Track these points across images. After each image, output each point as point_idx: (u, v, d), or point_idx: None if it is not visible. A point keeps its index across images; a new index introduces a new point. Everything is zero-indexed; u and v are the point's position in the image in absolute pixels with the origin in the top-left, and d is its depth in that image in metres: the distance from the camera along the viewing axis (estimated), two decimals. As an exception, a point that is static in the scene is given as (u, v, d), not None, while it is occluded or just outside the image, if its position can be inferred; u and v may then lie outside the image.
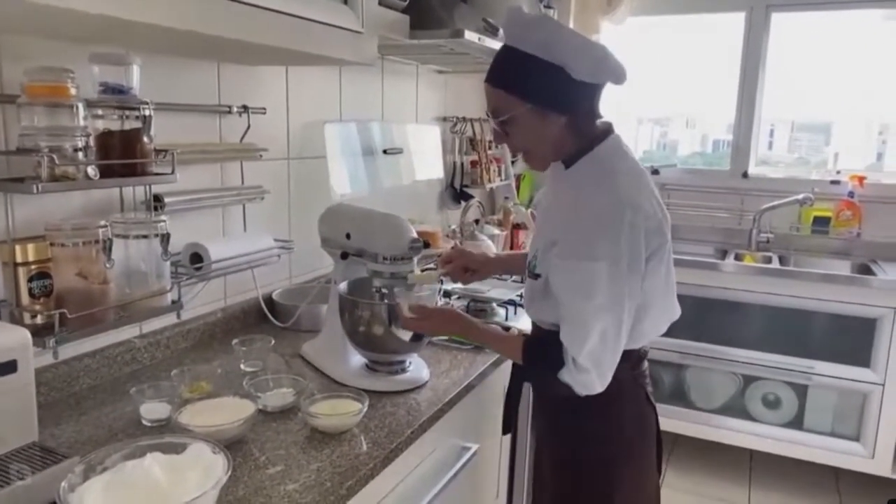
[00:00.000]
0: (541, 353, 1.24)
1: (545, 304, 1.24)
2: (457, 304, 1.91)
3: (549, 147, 1.24)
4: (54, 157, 1.04)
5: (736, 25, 3.18)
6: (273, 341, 1.51)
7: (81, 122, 1.09)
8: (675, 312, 1.34)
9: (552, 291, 1.20)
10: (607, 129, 1.25)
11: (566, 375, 1.17)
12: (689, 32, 3.37)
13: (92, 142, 1.13)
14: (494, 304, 1.91)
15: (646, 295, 1.20)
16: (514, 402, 1.44)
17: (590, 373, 1.15)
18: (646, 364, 1.34)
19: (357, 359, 1.47)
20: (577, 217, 1.17)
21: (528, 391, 1.40)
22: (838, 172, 3.14)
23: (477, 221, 2.78)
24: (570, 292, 1.16)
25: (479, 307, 1.91)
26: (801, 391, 2.77)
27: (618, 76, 1.18)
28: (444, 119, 2.75)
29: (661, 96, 3.48)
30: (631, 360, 1.25)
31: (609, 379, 1.18)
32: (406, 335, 1.38)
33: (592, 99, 1.21)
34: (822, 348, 2.70)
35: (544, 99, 1.17)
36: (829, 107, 3.29)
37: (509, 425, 1.47)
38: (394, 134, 2.32)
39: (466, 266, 1.54)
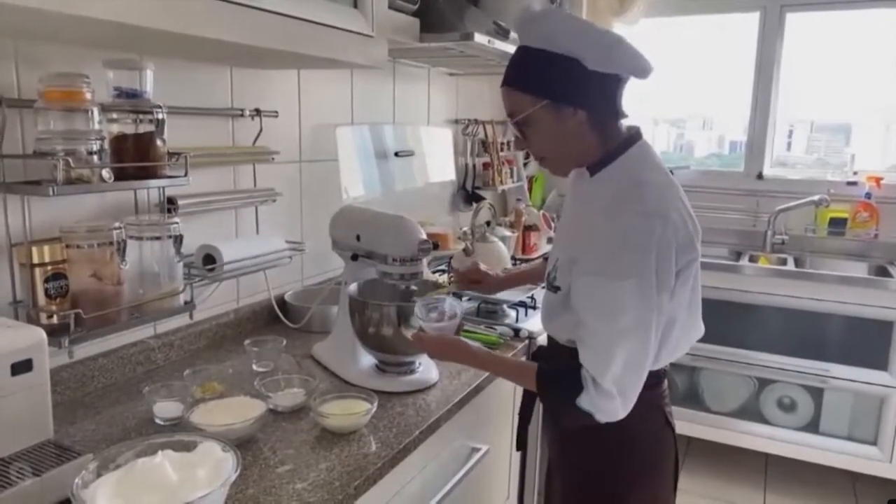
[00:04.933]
0: (556, 381, 1.16)
1: (564, 318, 1.17)
2: (467, 306, 1.91)
3: (571, 149, 1.18)
4: (69, 160, 1.06)
5: (751, 25, 3.16)
6: (284, 342, 1.53)
7: (96, 126, 1.12)
8: (699, 331, 1.27)
9: (572, 306, 1.14)
10: (635, 135, 1.19)
11: (586, 402, 1.08)
12: (704, 33, 3.35)
13: (106, 145, 1.15)
14: (505, 306, 1.92)
15: (670, 313, 1.13)
16: (526, 419, 1.41)
17: (614, 399, 1.07)
18: (665, 384, 1.27)
19: (367, 359, 1.48)
20: (603, 231, 1.10)
21: (539, 407, 1.38)
22: (855, 173, 3.11)
23: (488, 223, 2.78)
24: (595, 313, 1.09)
25: (490, 308, 1.92)
26: (816, 394, 2.75)
27: (637, 66, 1.11)
28: (456, 121, 2.75)
29: (677, 97, 3.46)
30: (648, 381, 1.17)
31: (633, 403, 1.10)
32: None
33: (613, 94, 1.15)
34: (838, 351, 2.67)
35: (556, 92, 1.11)
36: (848, 107, 3.26)
37: (523, 442, 1.43)
38: (406, 136, 2.34)
39: (478, 280, 1.58)
